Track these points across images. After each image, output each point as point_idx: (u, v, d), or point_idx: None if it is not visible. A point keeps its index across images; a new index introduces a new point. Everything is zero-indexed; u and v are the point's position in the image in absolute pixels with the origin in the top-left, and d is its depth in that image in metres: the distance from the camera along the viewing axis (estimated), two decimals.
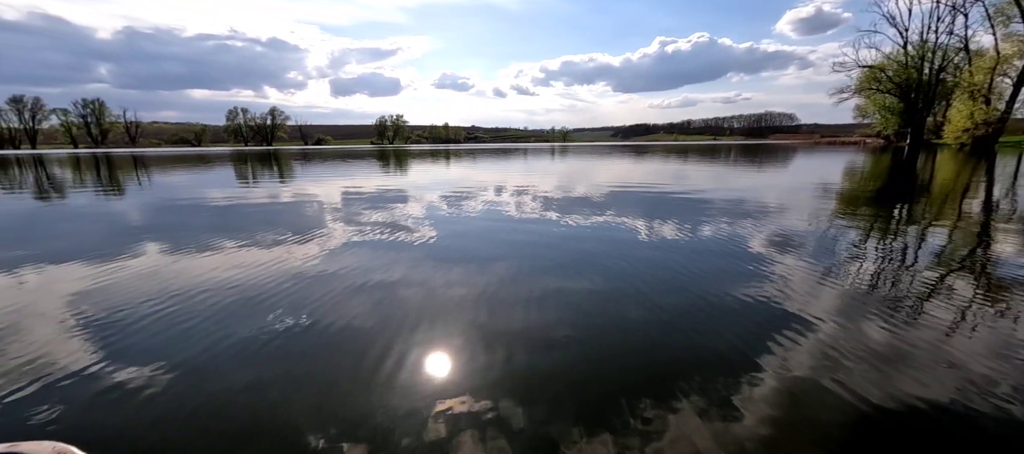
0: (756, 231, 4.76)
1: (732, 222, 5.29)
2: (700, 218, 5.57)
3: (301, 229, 5.14)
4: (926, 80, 37.73)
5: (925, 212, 6.02)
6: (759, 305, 2.67)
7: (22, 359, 2.09)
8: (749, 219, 5.47)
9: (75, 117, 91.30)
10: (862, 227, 5.03)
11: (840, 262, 3.57)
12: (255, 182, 11.87)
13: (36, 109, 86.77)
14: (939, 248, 4.08)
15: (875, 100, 42.47)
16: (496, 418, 1.61)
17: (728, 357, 2.04)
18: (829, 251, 3.93)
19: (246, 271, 3.47)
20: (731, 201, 7.07)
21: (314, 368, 2.00)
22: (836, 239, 4.42)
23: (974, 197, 7.45)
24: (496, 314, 2.57)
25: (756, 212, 5.99)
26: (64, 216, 6.63)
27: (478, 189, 9.21)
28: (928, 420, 1.58)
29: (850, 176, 12.01)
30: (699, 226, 5.06)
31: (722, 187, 9.20)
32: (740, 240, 4.38)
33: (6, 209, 7.44)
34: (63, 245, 4.53)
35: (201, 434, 1.57)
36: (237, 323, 2.48)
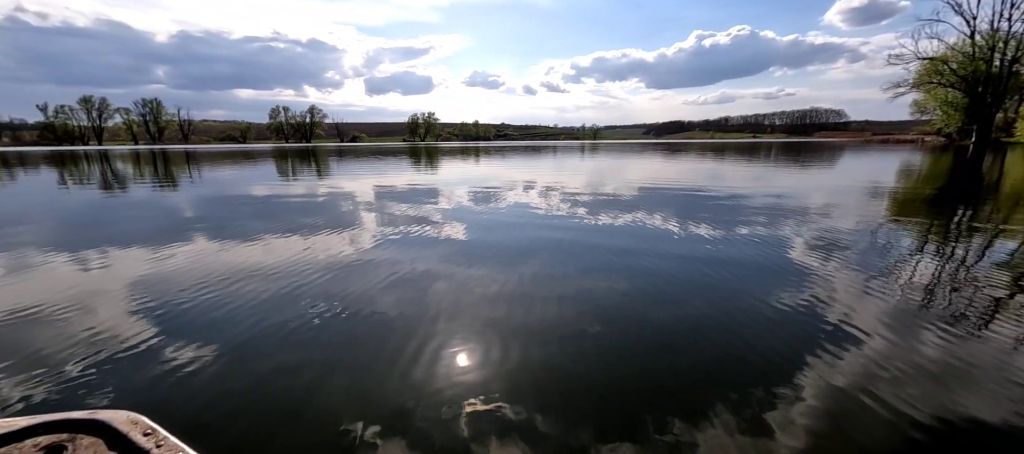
0: (797, 234, 4.53)
1: (770, 224, 5.05)
2: (736, 220, 5.35)
3: (336, 222, 5.33)
4: (996, 73, 34.51)
5: (992, 217, 5.52)
6: (799, 314, 2.53)
7: (89, 335, 2.29)
8: (789, 221, 5.20)
9: (136, 116, 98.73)
10: (918, 232, 4.68)
11: (891, 270, 3.34)
12: (294, 177, 12.41)
13: (102, 109, 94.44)
14: (1006, 257, 3.73)
15: (936, 95, 39.25)
16: (519, 418, 1.62)
17: (763, 368, 1.95)
18: (879, 258, 3.68)
19: (285, 261, 3.64)
20: (770, 202, 6.75)
21: (347, 355, 2.08)
22: (887, 245, 4.13)
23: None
24: (523, 312, 2.58)
25: (797, 214, 5.69)
26: (126, 206, 7.18)
27: (506, 186, 9.23)
28: (987, 448, 1.45)
29: (905, 177, 11.18)
30: (734, 228, 4.87)
31: (760, 187, 8.80)
32: (779, 244, 4.17)
33: (80, 200, 8.14)
34: (125, 233, 4.90)
35: (244, 411, 1.66)
36: (277, 309, 2.61)
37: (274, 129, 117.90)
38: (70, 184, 11.08)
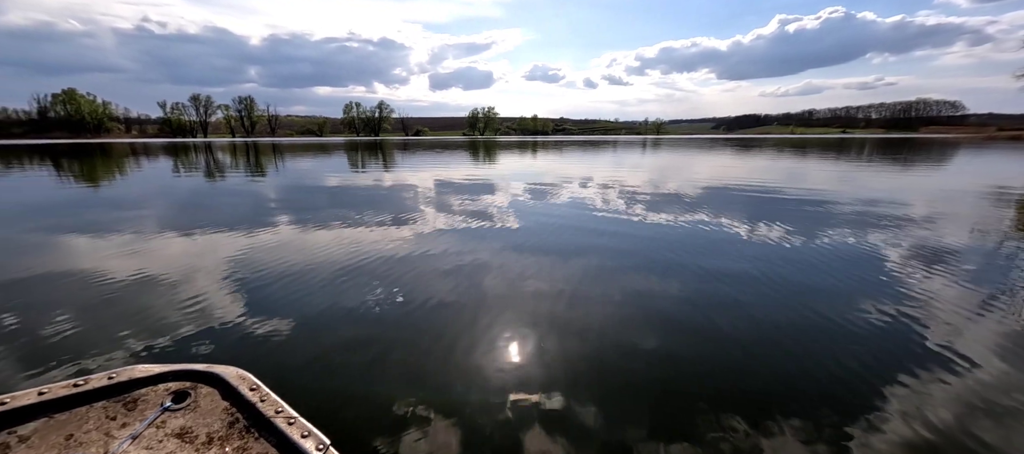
0: (894, 244, 4.01)
1: (860, 231, 4.52)
2: (818, 225, 4.86)
3: (399, 212, 5.64)
4: None
5: None
6: (890, 332, 2.26)
7: (193, 300, 2.65)
8: (885, 229, 4.62)
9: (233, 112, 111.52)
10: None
11: (1013, 290, 2.85)
12: (363, 169, 13.27)
13: (207, 105, 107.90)
14: None
15: None
16: (567, 412, 1.62)
17: (845, 390, 1.77)
18: (998, 276, 3.16)
19: (353, 245, 3.93)
20: (860, 207, 6.03)
21: (405, 336, 2.21)
22: (1011, 261, 3.53)
23: None
24: (576, 308, 2.56)
25: (895, 221, 5.03)
26: (224, 193, 8.15)
27: (563, 182, 9.15)
28: None
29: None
30: (816, 234, 4.42)
31: (849, 189, 7.88)
32: (870, 253, 3.73)
33: (188, 186, 9.38)
34: (222, 216, 5.58)
35: (315, 378, 1.84)
36: (344, 289, 2.84)
37: (347, 123, 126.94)
38: (181, 172, 12.79)
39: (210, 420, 1.09)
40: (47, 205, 6.60)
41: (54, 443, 0.98)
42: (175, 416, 1.10)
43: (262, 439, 1.03)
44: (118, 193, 8.09)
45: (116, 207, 6.46)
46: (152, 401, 1.14)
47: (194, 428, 1.06)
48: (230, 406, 1.14)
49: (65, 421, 1.05)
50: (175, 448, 1.00)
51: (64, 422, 1.04)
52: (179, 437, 1.03)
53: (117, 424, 1.05)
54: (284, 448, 1.00)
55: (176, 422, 1.08)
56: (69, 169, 13.45)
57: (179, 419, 1.09)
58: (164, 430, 1.05)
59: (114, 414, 1.08)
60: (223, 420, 1.09)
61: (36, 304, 2.68)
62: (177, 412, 1.11)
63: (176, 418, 1.09)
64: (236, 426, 1.08)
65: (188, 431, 1.05)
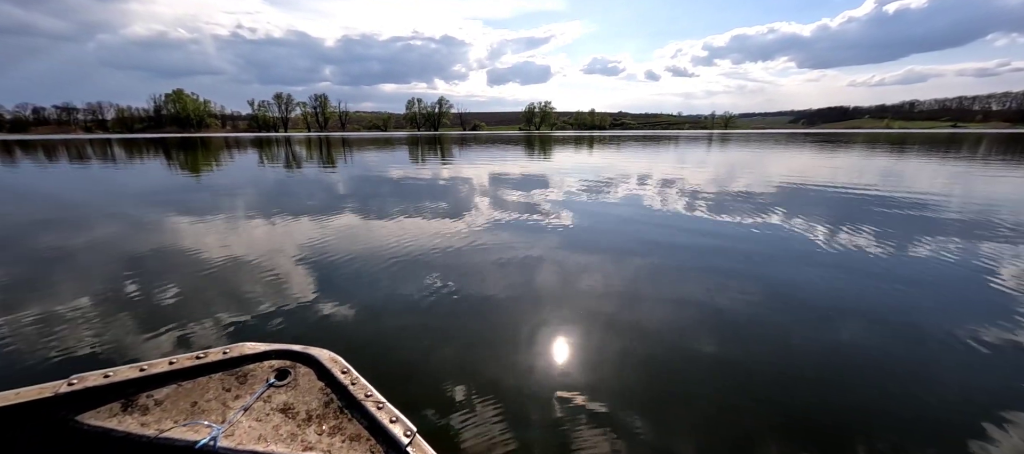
0: (1006, 255, 3.44)
1: (968, 244, 3.93)
2: (911, 232, 4.30)
3: (455, 205, 5.82)
4: None
5: None
6: (994, 366, 1.95)
7: (275, 283, 2.95)
8: (1001, 242, 3.98)
9: (310, 108, 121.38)
10: None
11: None
12: (423, 162, 13.84)
13: (288, 103, 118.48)
14: None
15: None
16: (615, 417, 1.59)
17: (941, 421, 1.57)
18: None
19: (412, 236, 4.13)
20: (970, 213, 5.23)
21: (459, 326, 2.29)
22: None
23: None
24: (630, 311, 2.50)
25: (1010, 235, 4.31)
26: (300, 184, 8.92)
27: (620, 178, 8.89)
28: None
29: None
30: (908, 242, 3.92)
31: (959, 194, 6.86)
32: (978, 269, 3.23)
33: (269, 177, 10.38)
34: (298, 205, 6.11)
35: (374, 360, 1.98)
36: (403, 278, 3.00)
37: (409, 118, 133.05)
38: (266, 164, 14.16)
39: (308, 399, 1.19)
40: (159, 189, 7.65)
41: (183, 408, 1.13)
42: (279, 392, 1.20)
43: (355, 421, 1.11)
44: (213, 182, 9.16)
45: (211, 193, 7.32)
46: (259, 377, 1.26)
47: (295, 405, 1.17)
48: (325, 387, 1.23)
49: (190, 389, 1.20)
50: (280, 422, 1.10)
51: (190, 390, 1.20)
52: (283, 412, 1.14)
53: (231, 396, 1.19)
54: (375, 431, 1.08)
55: (280, 397, 1.19)
56: (176, 159, 15.44)
57: (282, 395, 1.19)
58: (270, 405, 1.16)
59: (228, 386, 1.22)
60: (319, 400, 1.18)
61: (153, 276, 3.13)
62: (280, 388, 1.22)
63: (280, 393, 1.20)
64: (331, 406, 1.16)
65: (290, 407, 1.16)
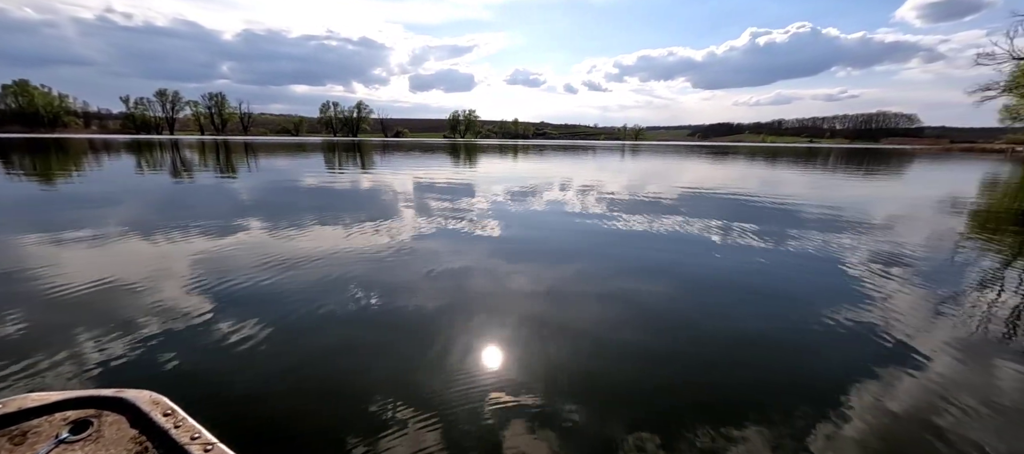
0: (859, 249, 4.20)
1: (829, 237, 4.72)
2: (790, 230, 5.05)
3: (379, 214, 5.54)
4: None
5: None
6: (856, 332, 2.35)
7: (152, 309, 2.52)
8: (852, 235, 4.84)
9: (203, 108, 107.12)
10: (1003, 254, 4.21)
11: (966, 295, 3.03)
12: (341, 170, 13.00)
13: (174, 101, 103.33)
14: None
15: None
16: (547, 415, 1.61)
17: (813, 389, 1.83)
18: (952, 281, 3.35)
19: (330, 249, 3.83)
20: (830, 212, 6.30)
21: (386, 341, 2.16)
22: (965, 266, 3.75)
23: None
24: (559, 312, 2.57)
25: (861, 227, 5.27)
26: (189, 193, 7.82)
27: (544, 185, 9.20)
28: None
29: (991, 191, 10.07)
30: (788, 239, 4.59)
31: (819, 196, 8.23)
32: (838, 258, 3.89)
33: (152, 184, 8.95)
34: (187, 217, 5.34)
35: (290, 390, 1.77)
36: (322, 294, 2.75)
37: (324, 123, 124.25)
38: (145, 170, 12.21)
39: (114, 452, 0.99)
40: None
41: None
42: (72, 448, 0.98)
43: None
44: (65, 191, 7.66)
45: (59, 206, 6.10)
46: (45, 433, 1.02)
47: None
48: (139, 435, 1.04)
49: None
50: None
51: None
52: None
53: None
54: None
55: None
56: (17, 164, 12.65)
57: (77, 452, 0.98)
58: None
59: None
60: (130, 450, 0.99)
61: None
62: (74, 444, 0.99)
63: (73, 450, 0.98)
64: None
65: None
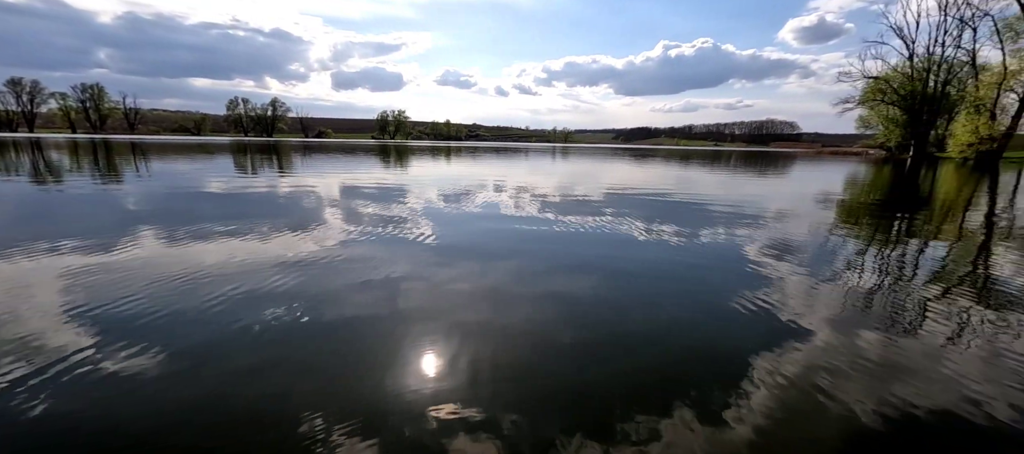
0: (757, 239, 4.76)
1: (734, 229, 5.28)
2: (702, 224, 5.57)
3: (301, 222, 5.13)
4: (931, 93, 37.71)
5: (925, 226, 6.02)
6: (758, 313, 2.66)
7: (15, 346, 2.08)
8: (750, 226, 5.47)
9: (74, 101, 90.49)
10: (862, 239, 5.03)
11: (839, 273, 3.57)
12: (255, 174, 11.84)
13: (34, 92, 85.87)
14: (937, 263, 4.08)
15: (879, 111, 42.43)
16: (489, 420, 1.60)
17: (724, 364, 2.03)
18: (829, 262, 3.93)
19: (246, 262, 3.46)
20: (734, 208, 7.07)
21: (313, 359, 1.99)
22: (836, 250, 4.42)
23: (976, 212, 7.45)
24: (495, 314, 2.56)
25: (758, 220, 5.98)
26: (62, 202, 6.60)
27: (478, 187, 9.20)
28: (919, 434, 1.57)
29: (852, 188, 12.01)
30: (701, 232, 5.06)
31: (725, 194, 9.20)
32: (741, 247, 4.37)
33: (5, 193, 7.40)
34: (61, 232, 4.50)
35: (202, 425, 1.55)
36: (237, 313, 2.47)
37: (232, 121, 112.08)
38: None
39: None
40: None
41: None
42: None
43: None
44: None
45: None
46: None
47: None
48: None
49: None
50: None
51: None
52: None
53: None
54: None
55: None
56: None
57: None
58: None
59: None
60: None
61: None
62: None
63: None
64: None
65: None
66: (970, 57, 35.81)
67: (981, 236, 5.37)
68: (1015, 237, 5.26)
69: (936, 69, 37.43)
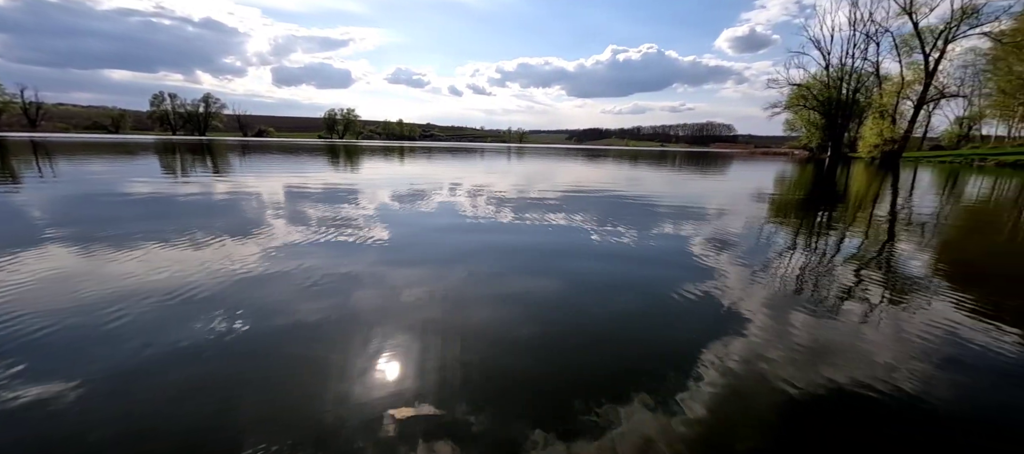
0: (701, 233, 5.07)
1: (680, 225, 5.59)
2: (652, 221, 5.84)
3: (242, 228, 4.78)
4: (844, 99, 42.06)
5: (842, 217, 6.72)
6: (702, 302, 2.84)
7: None
8: (695, 222, 5.81)
9: None
10: (791, 231, 5.52)
11: (772, 262, 3.89)
12: (187, 175, 10.89)
13: None
14: (852, 250, 4.56)
15: (802, 116, 46.73)
16: (450, 421, 1.58)
17: (675, 352, 2.15)
18: (761, 253, 4.27)
19: (181, 272, 3.17)
20: (680, 205, 7.48)
21: (260, 372, 1.86)
22: (769, 241, 4.81)
23: (882, 204, 8.42)
24: (453, 316, 2.54)
25: (702, 216, 6.38)
26: None
27: (433, 188, 9.05)
28: (840, 402, 1.76)
29: (780, 184, 13.13)
30: (651, 229, 5.31)
31: (672, 192, 9.71)
32: (687, 241, 4.64)
33: None
34: None
35: (130, 444, 1.40)
36: (172, 328, 2.25)
37: (158, 118, 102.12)
38: None
39: None
40: None
41: None
42: None
43: None
44: None
45: None
46: None
47: None
48: None
49: None
50: None
51: None
52: None
53: None
54: None
55: None
56: None
57: None
58: None
59: None
60: None
61: None
62: None
63: None
64: None
65: None
66: (875, 68, 40.54)
67: (887, 226, 6.08)
68: (913, 225, 6.01)
69: (848, 78, 41.79)
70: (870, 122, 38.94)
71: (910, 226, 6.05)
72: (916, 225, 6.10)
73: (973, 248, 5.14)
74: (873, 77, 41.09)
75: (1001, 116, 43.26)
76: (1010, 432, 1.64)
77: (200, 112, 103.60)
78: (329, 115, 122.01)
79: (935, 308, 2.84)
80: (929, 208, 7.96)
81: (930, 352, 2.21)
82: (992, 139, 47.69)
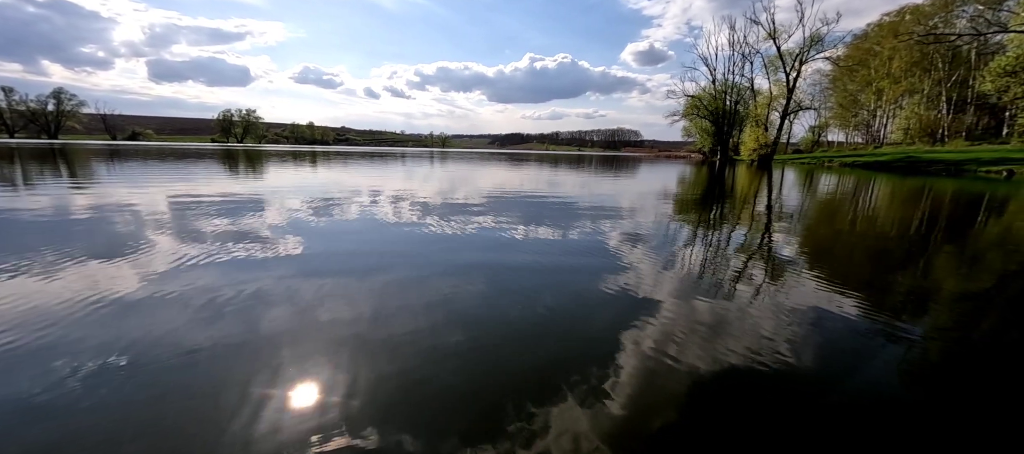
0: (615, 230, 5.44)
1: (596, 223, 5.94)
2: (571, 220, 6.12)
3: (113, 248, 4.03)
4: (728, 110, 48.39)
5: (731, 210, 7.69)
6: (617, 293, 3.04)
7: None
8: (609, 220, 6.22)
9: None
10: (690, 224, 6.17)
11: (676, 253, 4.31)
12: (29, 187, 8.92)
13: None
14: (739, 239, 5.24)
15: (696, 123, 52.87)
16: (378, 441, 1.49)
17: (596, 345, 2.26)
18: (668, 246, 4.71)
19: (26, 308, 2.56)
20: (595, 205, 7.95)
21: (141, 416, 1.57)
22: (674, 235, 5.33)
23: (761, 198, 9.81)
24: (376, 330, 2.40)
25: (615, 214, 6.84)
26: None
27: (351, 195, 8.52)
28: (737, 374, 2.00)
29: (680, 183, 14.64)
30: (570, 228, 5.56)
31: (587, 193, 10.28)
32: (602, 238, 4.94)
33: None
34: None
35: None
36: (17, 380, 1.80)
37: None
38: None
39: None
40: None
41: None
42: None
43: None
44: None
45: None
46: None
47: None
48: None
49: None
50: None
51: None
52: None
53: None
54: None
55: None
56: None
57: None
58: None
59: None
60: None
61: None
62: None
63: None
64: None
65: None
66: (750, 83, 47.37)
67: (765, 218, 7.09)
68: (784, 217, 7.09)
69: (730, 91, 48.21)
70: (748, 130, 45.41)
71: (782, 218, 7.12)
72: (787, 216, 7.21)
73: (825, 232, 6.22)
74: (749, 91, 48.02)
75: (840, 125, 53.80)
76: (860, 374, 1.99)
77: (48, 110, 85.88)
78: (224, 116, 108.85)
79: (803, 281, 3.38)
80: (795, 202, 9.47)
81: (800, 318, 2.61)
82: (835, 144, 58.39)
